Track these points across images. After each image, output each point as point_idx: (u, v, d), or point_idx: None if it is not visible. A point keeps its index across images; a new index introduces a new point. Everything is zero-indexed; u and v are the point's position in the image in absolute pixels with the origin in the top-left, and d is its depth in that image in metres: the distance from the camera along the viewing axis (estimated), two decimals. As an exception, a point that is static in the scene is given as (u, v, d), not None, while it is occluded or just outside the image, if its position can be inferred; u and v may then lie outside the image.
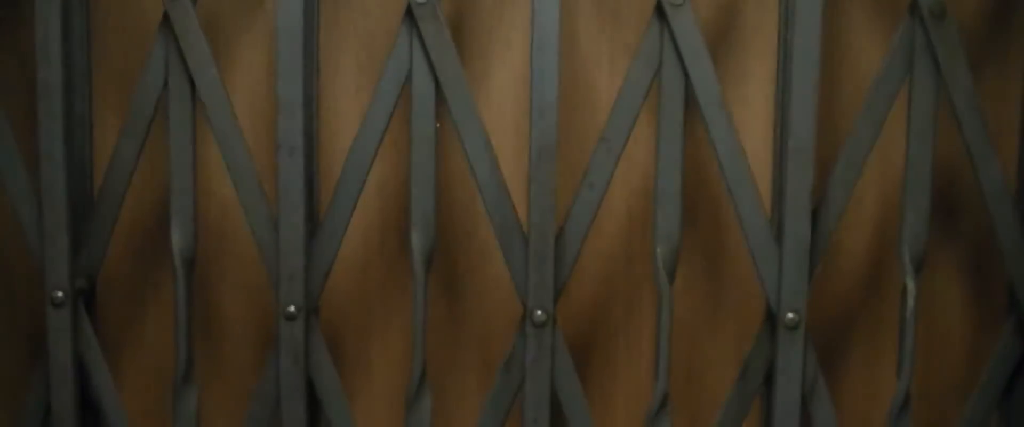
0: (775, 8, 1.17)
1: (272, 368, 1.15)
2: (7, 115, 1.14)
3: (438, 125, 1.12)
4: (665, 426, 1.15)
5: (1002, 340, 1.16)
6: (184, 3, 1.11)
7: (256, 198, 1.13)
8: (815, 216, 1.12)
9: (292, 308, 1.13)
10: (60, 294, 1.14)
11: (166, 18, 1.11)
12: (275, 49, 1.10)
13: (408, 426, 1.16)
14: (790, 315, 1.11)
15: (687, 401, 1.25)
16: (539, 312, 1.12)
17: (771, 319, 1.13)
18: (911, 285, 1.12)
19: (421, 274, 1.13)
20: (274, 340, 1.15)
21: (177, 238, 1.15)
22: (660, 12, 1.09)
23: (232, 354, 1.27)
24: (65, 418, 1.16)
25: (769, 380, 1.14)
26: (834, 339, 1.25)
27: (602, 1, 1.20)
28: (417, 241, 1.13)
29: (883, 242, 1.23)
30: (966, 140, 1.11)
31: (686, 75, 1.10)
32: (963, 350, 1.25)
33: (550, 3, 1.08)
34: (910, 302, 1.12)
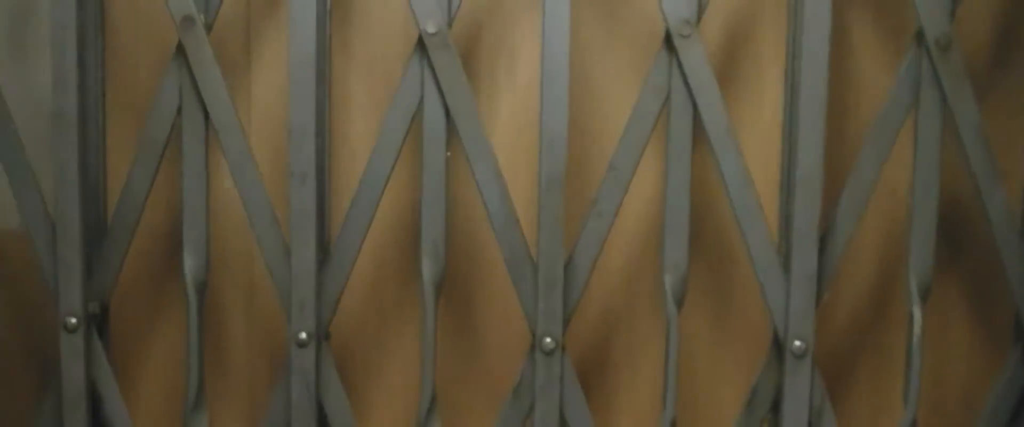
0: (783, 38, 1.18)
1: (283, 394, 1.16)
2: (22, 142, 1.16)
3: (449, 154, 1.13)
4: (673, 453, 1.15)
5: (1008, 367, 1.17)
6: (198, 32, 1.12)
7: (268, 225, 1.14)
8: (822, 245, 1.13)
9: (303, 335, 1.14)
10: (73, 319, 1.15)
11: (180, 46, 1.13)
12: (287, 76, 1.11)
13: (417, 452, 1.17)
14: (797, 343, 1.12)
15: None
16: (548, 339, 1.12)
17: (778, 346, 1.14)
18: (917, 313, 1.13)
19: (431, 301, 1.14)
20: (285, 366, 1.15)
21: (189, 264, 1.16)
22: (669, 43, 1.10)
23: (243, 379, 1.28)
24: (77, 442, 1.17)
25: (776, 407, 1.15)
26: (841, 366, 1.25)
27: (612, 31, 1.21)
28: (427, 268, 1.14)
29: (890, 270, 1.23)
30: (972, 170, 1.12)
31: (694, 105, 1.11)
32: (969, 378, 1.25)
33: (560, 34, 1.09)
34: (916, 330, 1.13)
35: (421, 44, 1.11)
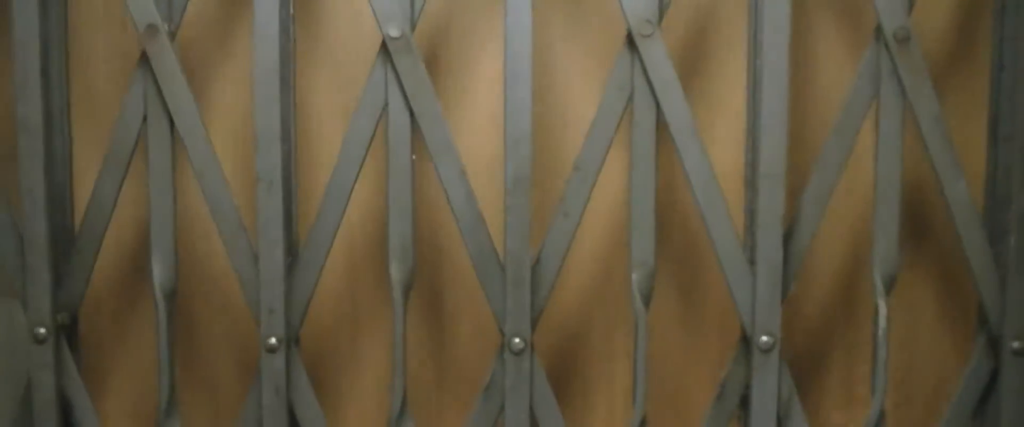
0: (744, 34, 1.19)
1: (254, 399, 1.16)
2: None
3: (414, 156, 1.14)
4: (644, 449, 1.16)
5: (974, 357, 1.18)
6: (162, 40, 1.12)
7: (236, 232, 1.14)
8: (787, 240, 1.14)
9: (273, 340, 1.14)
10: (42, 330, 1.15)
11: (144, 55, 1.13)
12: (252, 83, 1.11)
13: (390, 454, 1.17)
14: (764, 338, 1.13)
15: (665, 423, 1.27)
16: (517, 339, 1.13)
17: (746, 342, 1.15)
18: (882, 305, 1.14)
19: (400, 303, 1.15)
20: (256, 372, 1.15)
21: (158, 271, 1.16)
22: (631, 42, 1.11)
23: (215, 385, 1.28)
24: (49, 453, 1.17)
25: (745, 401, 1.16)
26: (808, 359, 1.26)
27: (574, 32, 1.22)
28: (395, 270, 1.15)
29: (855, 263, 1.24)
30: (933, 161, 1.13)
31: (657, 104, 1.12)
32: (936, 367, 1.26)
33: (523, 34, 1.10)
34: (882, 322, 1.14)
35: (384, 48, 1.12)
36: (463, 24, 1.22)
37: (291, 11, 1.16)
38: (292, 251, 1.16)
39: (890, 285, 1.14)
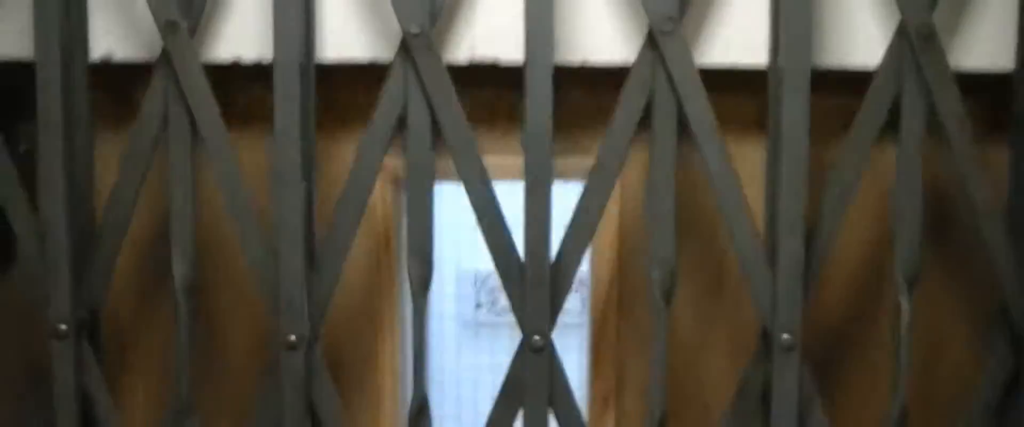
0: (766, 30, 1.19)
1: (274, 396, 1.16)
2: (7, 148, 1.16)
3: (433, 153, 1.14)
4: (663, 447, 1.16)
5: (996, 356, 1.17)
6: (182, 36, 1.12)
7: (255, 229, 1.15)
8: (809, 238, 1.13)
9: (293, 337, 1.14)
10: (63, 326, 1.15)
11: (165, 52, 1.13)
12: (273, 79, 1.11)
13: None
14: (785, 336, 1.12)
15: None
16: (536, 337, 1.13)
17: (766, 340, 1.14)
18: (905, 303, 1.14)
19: (421, 301, 1.15)
20: (276, 369, 1.16)
21: (178, 268, 1.16)
22: (651, 39, 1.10)
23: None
24: (69, 449, 1.18)
25: (765, 400, 1.15)
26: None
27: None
28: (414, 269, 1.14)
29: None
30: (956, 159, 1.12)
31: (678, 101, 1.11)
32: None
33: (544, 30, 1.09)
34: (904, 320, 1.14)
35: (404, 46, 1.11)
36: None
37: (313, 6, 1.16)
38: (312, 248, 1.16)
39: (912, 284, 1.14)
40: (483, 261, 1.38)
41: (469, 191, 1.13)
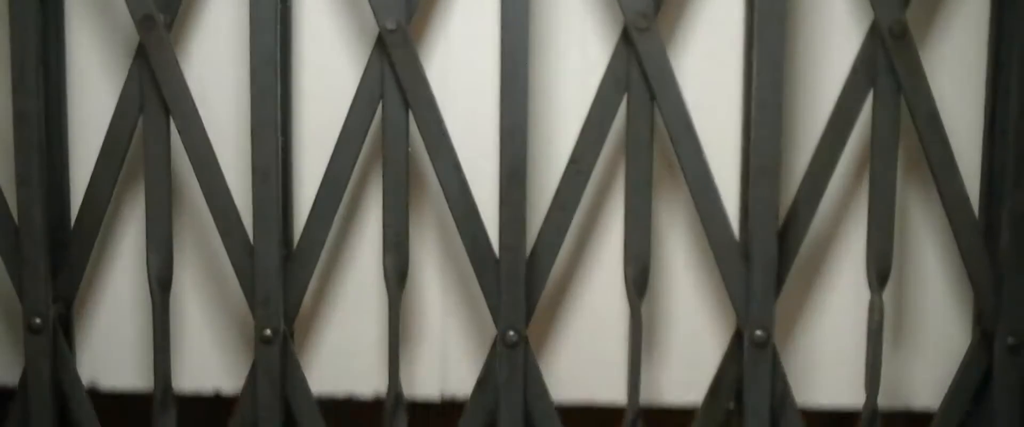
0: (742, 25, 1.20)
1: (249, 391, 1.17)
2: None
3: (409, 149, 1.14)
4: (638, 443, 1.16)
5: (968, 353, 1.18)
6: (158, 31, 1.12)
7: (231, 224, 1.15)
8: (782, 234, 1.14)
9: (268, 332, 1.14)
10: (38, 320, 1.15)
11: (141, 47, 1.13)
12: (249, 73, 1.11)
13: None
14: (758, 332, 1.13)
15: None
16: (511, 332, 1.13)
17: (740, 336, 1.15)
18: (877, 299, 1.14)
19: (396, 295, 1.15)
20: (252, 363, 1.16)
21: (153, 262, 1.16)
22: (626, 36, 1.11)
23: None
24: (44, 444, 1.17)
25: (739, 397, 1.16)
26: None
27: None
28: (390, 263, 1.15)
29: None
30: (928, 156, 1.13)
31: (653, 97, 1.12)
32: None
33: (520, 26, 1.10)
34: (876, 316, 1.14)
35: (380, 41, 1.12)
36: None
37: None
38: (288, 243, 1.16)
39: (884, 279, 1.14)
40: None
41: (444, 184, 1.13)
